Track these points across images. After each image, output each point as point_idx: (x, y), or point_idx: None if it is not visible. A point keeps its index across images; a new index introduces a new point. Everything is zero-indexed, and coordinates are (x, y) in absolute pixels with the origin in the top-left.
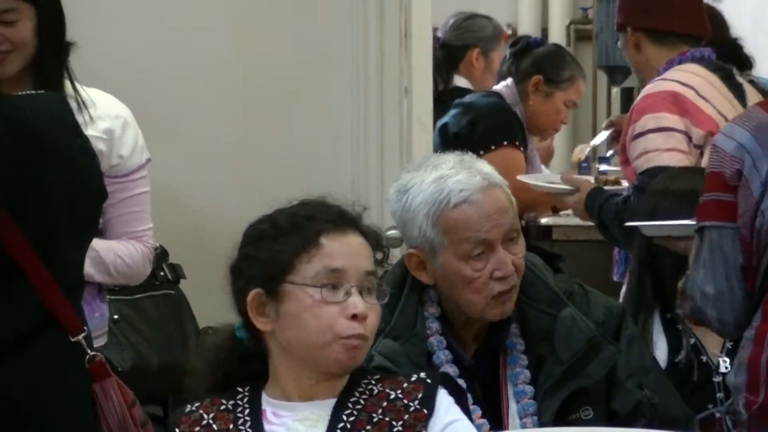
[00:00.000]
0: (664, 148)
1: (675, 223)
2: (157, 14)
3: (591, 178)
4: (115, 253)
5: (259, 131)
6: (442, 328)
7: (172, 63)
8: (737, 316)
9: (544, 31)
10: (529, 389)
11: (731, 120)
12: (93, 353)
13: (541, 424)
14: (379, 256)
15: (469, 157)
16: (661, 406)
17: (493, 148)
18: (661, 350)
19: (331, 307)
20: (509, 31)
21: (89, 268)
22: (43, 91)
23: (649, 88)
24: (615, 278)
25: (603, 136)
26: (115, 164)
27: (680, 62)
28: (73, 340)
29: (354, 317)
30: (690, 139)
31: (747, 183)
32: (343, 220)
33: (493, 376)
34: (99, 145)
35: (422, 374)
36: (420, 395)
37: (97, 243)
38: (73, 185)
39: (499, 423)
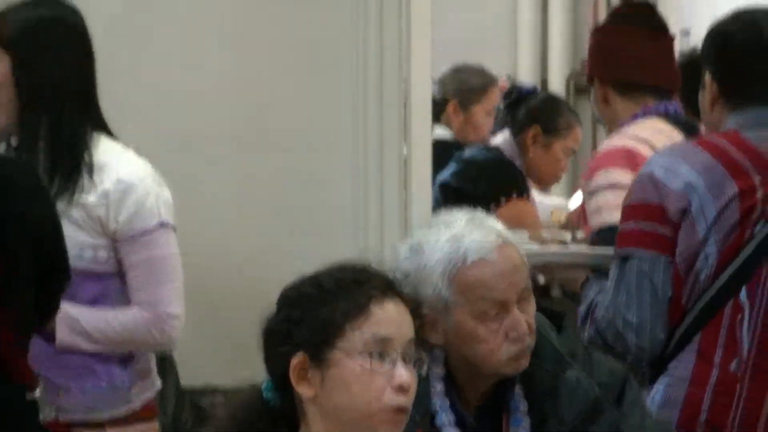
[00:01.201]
0: (615, 204)
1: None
2: (155, 21)
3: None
4: (103, 320)
5: (256, 157)
6: (446, 388)
7: (170, 67)
8: (654, 346)
9: (544, 82)
10: None
11: (667, 152)
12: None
13: None
14: (417, 323)
15: (480, 215)
16: None
17: (503, 201)
18: None
19: (379, 376)
20: (509, 83)
21: (67, 336)
22: (12, 156)
23: (605, 144)
24: None
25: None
26: (113, 229)
27: (644, 115)
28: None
29: (401, 388)
30: None
31: (693, 223)
32: (388, 287)
33: None
34: (98, 211)
35: None
36: None
37: (75, 310)
38: (29, 251)
39: None
